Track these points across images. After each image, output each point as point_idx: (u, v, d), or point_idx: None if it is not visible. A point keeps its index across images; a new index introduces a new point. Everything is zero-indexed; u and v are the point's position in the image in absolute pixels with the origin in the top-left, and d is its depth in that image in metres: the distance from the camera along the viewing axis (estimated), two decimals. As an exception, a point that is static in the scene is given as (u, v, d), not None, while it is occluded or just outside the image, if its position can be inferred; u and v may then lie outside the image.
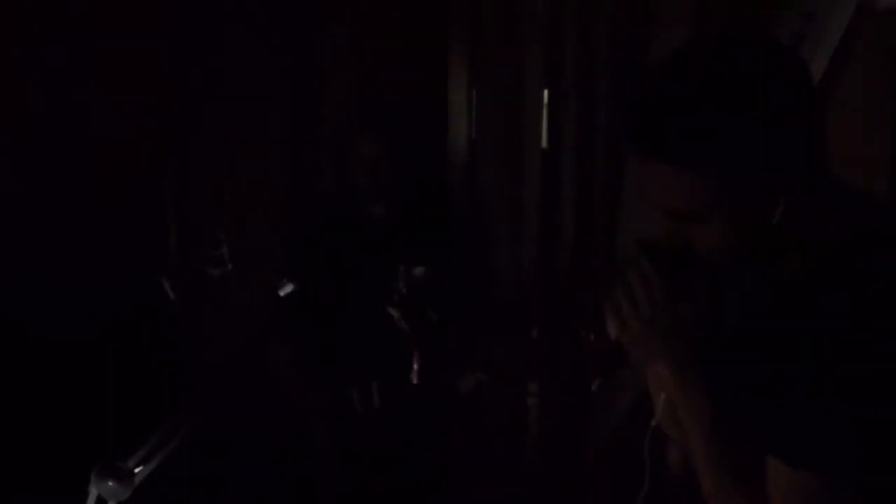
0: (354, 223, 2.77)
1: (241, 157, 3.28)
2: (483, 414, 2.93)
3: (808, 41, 2.01)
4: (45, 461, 2.24)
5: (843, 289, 1.02)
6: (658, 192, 1.09)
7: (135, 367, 2.69)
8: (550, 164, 3.08)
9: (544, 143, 3.09)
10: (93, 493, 1.48)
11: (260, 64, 3.24)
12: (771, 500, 1.04)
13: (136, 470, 1.51)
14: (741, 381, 1.11)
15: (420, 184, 2.89)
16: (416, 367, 2.68)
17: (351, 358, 2.70)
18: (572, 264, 3.01)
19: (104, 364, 2.67)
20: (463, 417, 2.84)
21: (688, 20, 2.45)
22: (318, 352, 2.74)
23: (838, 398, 0.98)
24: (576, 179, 2.94)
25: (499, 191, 3.20)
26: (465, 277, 2.79)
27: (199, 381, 2.46)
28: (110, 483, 1.47)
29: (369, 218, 2.75)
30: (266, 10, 3.22)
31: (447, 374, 2.76)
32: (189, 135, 3.26)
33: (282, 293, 2.69)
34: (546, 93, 3.06)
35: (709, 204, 1.06)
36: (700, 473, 1.12)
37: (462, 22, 3.22)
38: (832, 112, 2.01)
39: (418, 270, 2.67)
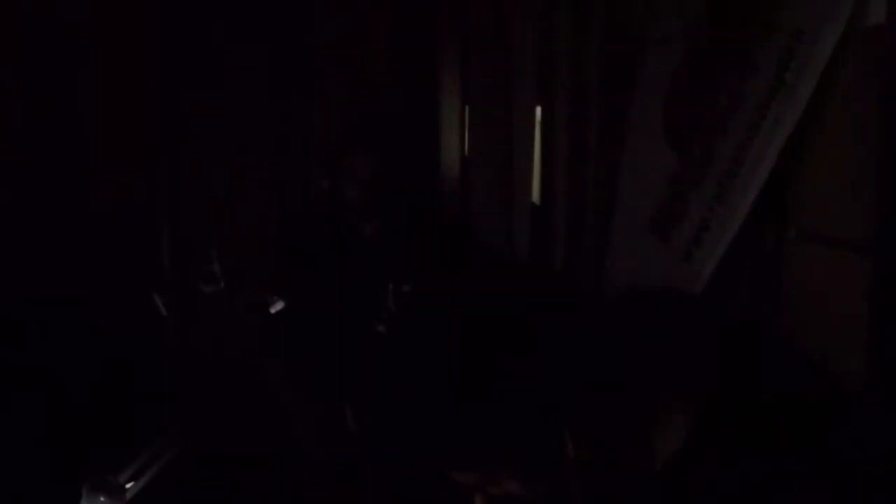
0: (346, 240, 2.77)
1: (234, 174, 3.29)
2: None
3: (797, 58, 2.02)
4: (36, 476, 2.24)
5: None
6: None
7: (126, 382, 2.69)
8: (542, 181, 3.09)
9: (536, 160, 3.10)
10: (84, 508, 1.48)
11: (253, 81, 3.26)
12: None
13: (128, 485, 1.51)
14: None
15: (412, 201, 2.90)
16: (404, 383, 2.68)
17: (341, 375, 2.70)
18: (563, 280, 3.02)
19: (96, 379, 2.67)
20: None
21: (678, 39, 2.47)
22: (309, 369, 2.74)
23: None
24: (567, 196, 2.95)
25: (490, 207, 3.21)
26: (455, 293, 2.78)
27: (191, 397, 2.46)
28: (102, 498, 1.47)
29: (361, 235, 2.76)
30: (258, 27, 3.25)
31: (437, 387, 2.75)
32: (182, 152, 3.26)
33: (272, 310, 2.69)
34: (538, 109, 3.08)
35: None
36: None
37: (454, 39, 3.25)
38: (821, 127, 2.03)
39: (407, 287, 2.68)
